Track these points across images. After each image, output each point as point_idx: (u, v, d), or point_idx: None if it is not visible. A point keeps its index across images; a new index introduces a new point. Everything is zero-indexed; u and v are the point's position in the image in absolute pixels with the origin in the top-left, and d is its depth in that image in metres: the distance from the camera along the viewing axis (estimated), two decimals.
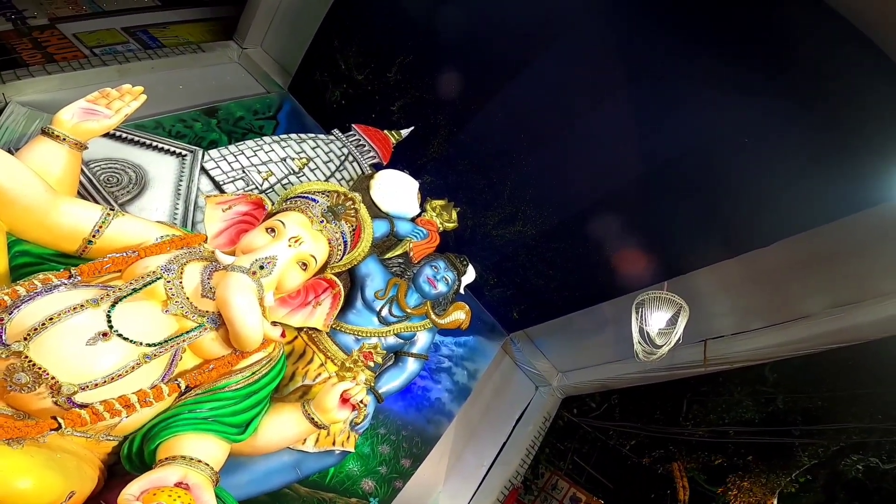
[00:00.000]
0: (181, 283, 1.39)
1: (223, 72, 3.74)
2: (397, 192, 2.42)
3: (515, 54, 2.59)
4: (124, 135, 2.36)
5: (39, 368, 1.11)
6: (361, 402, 1.52)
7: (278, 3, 3.65)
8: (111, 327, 1.21)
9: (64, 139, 1.42)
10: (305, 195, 1.74)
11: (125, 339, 1.22)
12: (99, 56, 3.35)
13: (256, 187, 2.44)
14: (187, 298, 1.37)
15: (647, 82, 2.29)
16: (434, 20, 2.81)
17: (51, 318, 1.15)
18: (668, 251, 2.66)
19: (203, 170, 2.41)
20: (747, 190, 2.29)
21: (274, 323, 1.55)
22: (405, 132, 2.94)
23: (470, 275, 2.39)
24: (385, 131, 2.91)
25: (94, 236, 1.39)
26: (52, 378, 1.12)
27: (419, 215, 2.53)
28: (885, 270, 2.24)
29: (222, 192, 2.36)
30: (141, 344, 1.25)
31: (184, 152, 2.46)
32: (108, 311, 1.23)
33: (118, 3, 4.10)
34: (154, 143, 2.43)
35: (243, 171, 2.47)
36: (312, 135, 2.80)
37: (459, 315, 2.24)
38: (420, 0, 2.84)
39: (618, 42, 2.29)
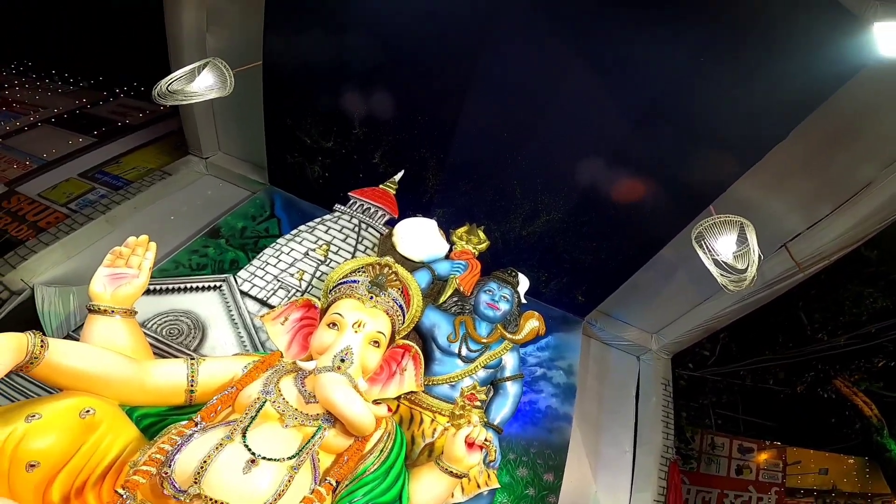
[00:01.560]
0: (284, 399, 1.78)
1: (201, 188, 4.19)
2: (420, 238, 2.81)
3: (462, 58, 2.84)
4: (157, 287, 2.85)
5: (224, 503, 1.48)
6: (486, 440, 1.84)
7: (211, 105, 3.92)
8: (254, 454, 1.59)
9: (113, 311, 1.71)
10: (345, 280, 2.13)
11: (270, 459, 1.60)
12: (79, 211, 3.82)
13: (296, 290, 2.87)
14: (296, 409, 1.76)
15: (597, 37, 2.58)
16: (365, 60, 3.04)
17: (204, 461, 1.52)
18: (695, 177, 2.87)
19: (243, 293, 2.88)
20: (736, 98, 2.53)
21: (375, 402, 1.94)
22: (398, 177, 3.33)
23: (523, 283, 2.71)
24: (380, 186, 3.32)
25: (192, 386, 1.78)
26: None
27: (451, 250, 2.88)
28: None
29: (270, 307, 2.81)
30: (283, 459, 1.62)
31: (218, 283, 2.95)
32: (244, 442, 1.61)
33: (57, 150, 4.50)
34: (188, 285, 2.93)
35: (277, 280, 2.92)
36: (318, 219, 3.25)
37: (533, 324, 2.53)
38: (342, 47, 3.03)
39: (552, 9, 2.57)
